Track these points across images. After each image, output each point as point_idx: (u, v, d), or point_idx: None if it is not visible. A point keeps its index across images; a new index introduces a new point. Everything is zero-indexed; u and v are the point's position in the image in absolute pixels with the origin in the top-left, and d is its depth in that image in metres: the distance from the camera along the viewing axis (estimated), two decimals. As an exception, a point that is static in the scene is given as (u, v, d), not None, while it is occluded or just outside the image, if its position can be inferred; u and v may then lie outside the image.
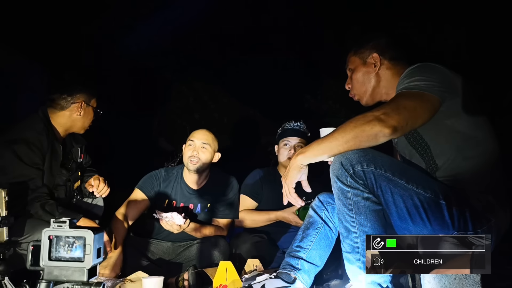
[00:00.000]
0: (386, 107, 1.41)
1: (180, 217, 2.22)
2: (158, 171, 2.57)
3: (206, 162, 2.46)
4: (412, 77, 1.49)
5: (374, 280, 1.41)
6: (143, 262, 2.30)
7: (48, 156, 2.04)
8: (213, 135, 2.54)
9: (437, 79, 1.46)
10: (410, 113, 1.39)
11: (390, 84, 1.69)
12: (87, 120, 2.28)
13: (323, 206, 1.79)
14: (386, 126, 1.34)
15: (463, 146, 1.49)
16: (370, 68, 1.72)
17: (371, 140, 1.36)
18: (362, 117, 1.38)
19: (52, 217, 1.91)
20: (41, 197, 1.96)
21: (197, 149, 2.44)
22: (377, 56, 1.71)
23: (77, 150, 2.32)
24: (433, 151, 1.52)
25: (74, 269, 1.09)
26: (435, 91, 1.44)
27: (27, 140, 1.99)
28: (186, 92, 4.39)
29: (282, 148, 2.68)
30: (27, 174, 1.95)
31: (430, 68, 1.52)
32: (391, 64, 1.71)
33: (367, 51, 1.74)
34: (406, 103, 1.41)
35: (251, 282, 1.71)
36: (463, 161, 1.48)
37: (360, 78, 1.74)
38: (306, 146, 1.49)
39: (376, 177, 1.38)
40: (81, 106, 2.20)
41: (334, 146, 1.40)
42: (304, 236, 1.76)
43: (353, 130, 1.37)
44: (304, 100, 4.20)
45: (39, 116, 2.12)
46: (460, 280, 1.31)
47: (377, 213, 1.41)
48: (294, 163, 1.49)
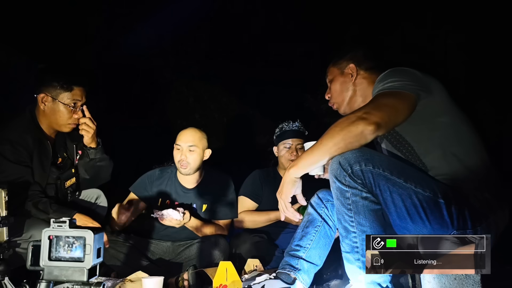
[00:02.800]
0: (366, 107, 1.45)
1: (177, 212, 2.23)
2: (152, 172, 2.56)
3: (196, 164, 2.43)
4: (385, 80, 1.54)
5: (373, 280, 1.41)
6: (143, 262, 2.30)
7: (36, 154, 2.01)
8: (200, 133, 2.48)
9: (409, 79, 1.51)
10: (390, 109, 1.43)
11: (366, 93, 1.74)
12: (60, 116, 2.10)
13: (322, 204, 1.79)
14: (370, 123, 1.37)
15: (445, 142, 1.50)
16: (347, 78, 1.78)
17: (359, 139, 1.39)
18: (345, 119, 1.42)
19: (45, 215, 1.91)
20: (34, 196, 1.95)
21: (184, 153, 2.40)
22: (354, 67, 1.77)
23: (72, 147, 2.27)
24: (417, 151, 1.53)
25: (74, 269, 1.09)
26: (409, 88, 1.49)
27: (10, 139, 1.97)
28: (186, 92, 4.39)
29: (283, 151, 2.68)
30: (15, 172, 1.94)
31: (400, 70, 1.58)
32: (367, 74, 1.77)
33: (344, 62, 1.80)
34: (384, 100, 1.46)
35: (251, 282, 1.71)
36: (451, 158, 1.49)
37: (338, 87, 1.80)
38: (297, 159, 1.53)
39: (375, 176, 1.38)
40: (42, 100, 2.09)
41: (324, 151, 1.42)
42: (303, 235, 1.76)
43: (339, 133, 1.40)
44: (304, 100, 4.20)
45: (25, 115, 2.10)
46: (460, 280, 1.31)
47: (376, 213, 1.41)
48: (288, 177, 1.52)
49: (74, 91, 2.11)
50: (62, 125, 2.13)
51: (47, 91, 2.09)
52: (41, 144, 2.07)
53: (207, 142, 2.50)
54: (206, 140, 2.49)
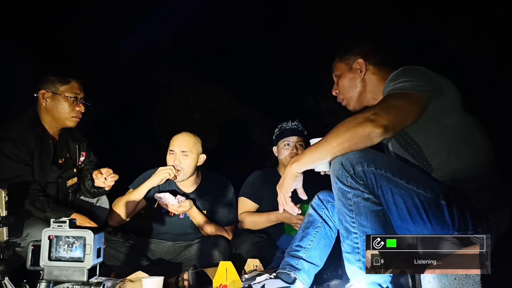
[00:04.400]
0: (375, 108, 1.43)
1: (173, 198, 2.25)
2: (152, 171, 2.53)
3: (189, 169, 2.41)
4: (397, 80, 1.52)
5: (374, 281, 1.41)
6: (143, 262, 2.30)
7: (37, 153, 2.02)
8: (194, 138, 2.45)
9: (421, 80, 1.49)
10: (400, 112, 1.41)
11: (376, 89, 1.71)
12: (63, 109, 2.14)
13: (323, 205, 1.79)
14: (377, 126, 1.36)
15: (454, 144, 1.50)
16: (356, 74, 1.75)
17: (365, 141, 1.38)
18: (353, 119, 1.40)
19: (42, 213, 1.91)
20: (32, 194, 1.96)
21: (178, 158, 2.38)
22: (362, 62, 1.74)
23: (75, 148, 2.28)
24: (425, 152, 1.53)
25: (74, 269, 1.09)
26: (420, 90, 1.46)
27: (12, 138, 1.98)
28: (186, 92, 4.39)
29: (283, 149, 2.68)
30: (15, 170, 1.95)
31: (413, 70, 1.55)
32: (376, 69, 1.74)
33: (352, 57, 1.77)
34: (394, 102, 1.44)
35: (251, 282, 1.71)
36: (457, 160, 1.49)
37: (347, 84, 1.77)
38: (300, 154, 1.51)
39: (377, 177, 1.38)
40: (43, 96, 2.13)
41: (328, 150, 1.41)
42: (303, 236, 1.76)
43: (345, 133, 1.38)
44: (304, 100, 4.20)
45: (28, 115, 2.12)
46: (460, 280, 1.31)
47: (377, 214, 1.41)
48: (289, 171, 1.51)
49: (71, 84, 2.17)
50: (65, 119, 2.16)
51: (46, 87, 2.13)
52: (43, 143, 2.08)
53: (201, 147, 2.47)
54: (200, 145, 2.47)
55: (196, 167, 2.45)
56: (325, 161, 1.48)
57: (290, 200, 1.55)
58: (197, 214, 2.40)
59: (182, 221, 2.47)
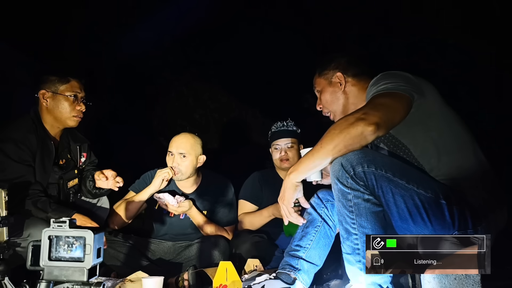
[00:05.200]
0: (364, 108, 1.44)
1: (172, 198, 2.26)
2: (152, 172, 2.53)
3: (188, 171, 2.40)
4: (379, 83, 1.54)
5: (374, 281, 1.41)
6: (143, 262, 2.30)
7: (38, 153, 2.03)
8: (193, 140, 2.42)
9: (402, 81, 1.52)
10: (388, 109, 1.43)
11: (357, 100, 1.74)
12: (64, 109, 2.14)
13: (322, 204, 1.79)
14: (369, 124, 1.36)
15: (441, 143, 1.51)
16: (336, 87, 1.79)
17: (359, 140, 1.38)
18: (344, 121, 1.41)
19: (44, 213, 1.92)
20: (33, 195, 1.96)
21: (177, 160, 2.38)
22: (341, 75, 1.78)
23: (76, 149, 2.29)
24: (414, 153, 1.53)
25: (74, 269, 1.09)
26: (403, 89, 1.49)
27: (14, 139, 1.99)
28: (186, 92, 4.39)
29: (273, 152, 2.69)
30: (17, 171, 1.95)
31: (392, 73, 1.58)
32: (355, 81, 1.78)
33: (330, 72, 1.81)
34: (381, 101, 1.46)
35: (251, 283, 1.71)
36: (447, 158, 1.50)
37: (329, 98, 1.81)
38: (296, 163, 1.51)
39: (377, 178, 1.38)
40: (43, 96, 2.13)
41: (324, 154, 1.41)
42: (303, 235, 1.76)
43: (339, 136, 1.39)
44: (303, 100, 4.19)
45: (29, 116, 2.13)
46: (460, 280, 1.31)
47: (377, 215, 1.41)
48: (289, 182, 1.51)
49: (71, 83, 2.17)
50: (67, 118, 2.16)
51: (46, 87, 2.14)
52: (44, 144, 2.08)
53: (201, 148, 2.46)
54: (200, 146, 2.45)
55: (195, 168, 2.44)
56: (323, 166, 1.48)
57: (293, 211, 1.56)
58: (197, 214, 2.40)
59: (182, 221, 2.47)
